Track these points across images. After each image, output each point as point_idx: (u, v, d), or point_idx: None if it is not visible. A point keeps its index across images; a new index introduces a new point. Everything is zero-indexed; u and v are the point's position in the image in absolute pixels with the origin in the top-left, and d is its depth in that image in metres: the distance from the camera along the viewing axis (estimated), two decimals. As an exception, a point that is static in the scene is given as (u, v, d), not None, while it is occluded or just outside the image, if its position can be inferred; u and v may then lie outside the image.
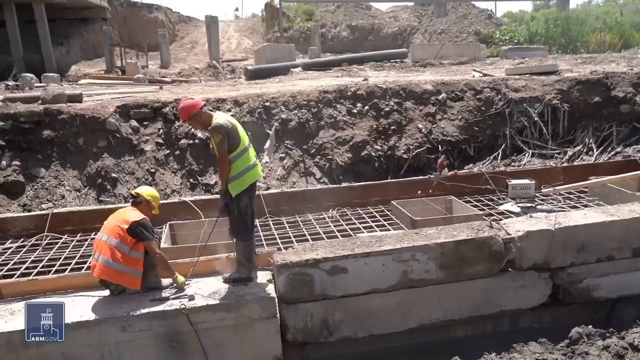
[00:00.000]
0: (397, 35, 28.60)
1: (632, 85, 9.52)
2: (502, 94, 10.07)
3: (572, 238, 4.78)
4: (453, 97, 10.18)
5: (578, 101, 9.76)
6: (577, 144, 9.59)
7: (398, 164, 9.49)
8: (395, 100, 9.96)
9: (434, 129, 9.77)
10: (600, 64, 12.68)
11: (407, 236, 4.72)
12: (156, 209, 4.42)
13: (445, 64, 15.66)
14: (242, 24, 35.70)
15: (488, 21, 26.53)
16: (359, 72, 13.90)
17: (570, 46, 21.98)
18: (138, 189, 4.55)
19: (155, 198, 4.44)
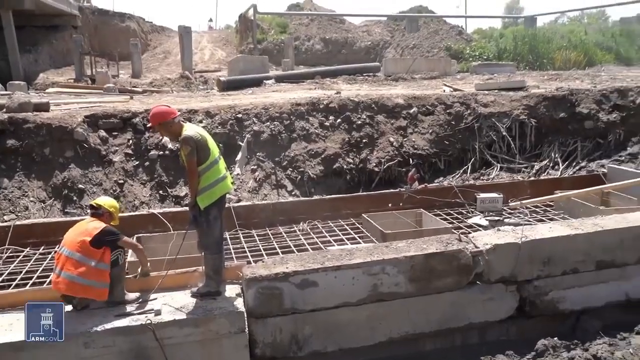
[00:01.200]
0: (370, 49, 28.96)
1: (595, 102, 9.81)
2: (472, 109, 10.24)
3: (538, 251, 4.86)
4: (424, 111, 10.31)
5: (544, 117, 9.99)
6: (544, 158, 9.80)
7: (370, 176, 9.54)
8: (367, 113, 10.04)
9: (405, 142, 9.86)
10: (565, 80, 13.03)
11: (378, 249, 4.73)
12: (116, 219, 4.35)
13: (417, 78, 15.89)
14: (216, 35, 35.59)
15: (459, 37, 27.09)
16: (331, 85, 13.99)
17: (537, 63, 22.57)
18: (98, 199, 4.44)
19: (117, 209, 4.37)
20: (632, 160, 8.94)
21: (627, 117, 9.53)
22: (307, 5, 32.59)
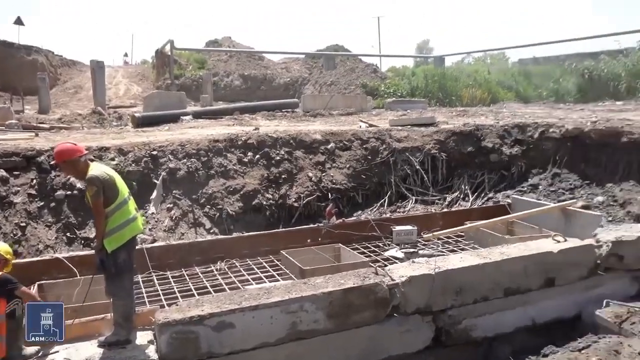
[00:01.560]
0: (289, 86, 29.40)
1: (498, 137, 10.47)
2: (387, 144, 10.59)
3: (450, 281, 5.03)
4: (341, 147, 10.53)
5: (454, 151, 10.51)
6: (455, 190, 10.26)
7: (289, 212, 9.52)
8: (286, 149, 10.10)
9: (323, 177, 9.98)
10: (472, 117, 13.82)
11: (296, 286, 4.69)
12: (9, 265, 4.04)
13: (335, 114, 16.25)
14: (132, 70, 34.73)
15: (374, 75, 28.17)
16: (250, 121, 13.99)
17: (447, 100, 23.85)
18: None
19: (11, 255, 4.07)
20: (533, 191, 9.56)
21: (527, 151, 10.22)
22: (225, 42, 32.72)
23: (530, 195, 9.39)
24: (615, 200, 8.58)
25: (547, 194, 9.34)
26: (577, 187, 9.26)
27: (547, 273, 5.43)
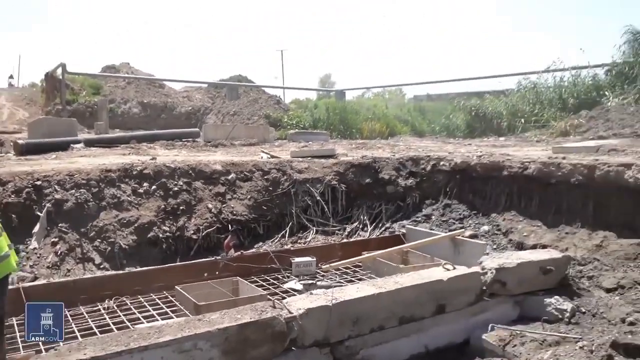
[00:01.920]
0: (191, 115, 28.86)
1: (394, 169, 10.90)
2: (288, 175, 10.64)
3: (347, 312, 5.08)
4: (242, 177, 10.43)
5: (353, 182, 10.78)
6: (354, 220, 10.49)
7: (188, 245, 9.21)
8: (184, 179, 9.82)
9: (224, 208, 9.80)
10: (370, 149, 14.33)
11: (189, 323, 4.50)
12: None
13: (237, 144, 16.14)
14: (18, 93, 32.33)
15: (277, 106, 28.47)
16: (148, 151, 13.50)
17: (348, 132, 24.65)
18: None
19: None
20: (427, 221, 10.01)
21: (421, 183, 10.72)
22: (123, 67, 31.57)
23: (424, 225, 9.81)
24: (499, 229, 9.20)
25: (439, 224, 9.81)
26: (466, 217, 9.81)
27: (438, 300, 5.65)
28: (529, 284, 6.17)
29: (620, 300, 6.13)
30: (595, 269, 7.21)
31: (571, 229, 8.35)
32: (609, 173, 7.92)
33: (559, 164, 8.73)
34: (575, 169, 8.42)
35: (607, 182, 7.93)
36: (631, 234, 7.53)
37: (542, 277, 6.23)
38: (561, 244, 8.16)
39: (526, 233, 8.73)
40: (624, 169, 7.79)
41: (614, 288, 6.51)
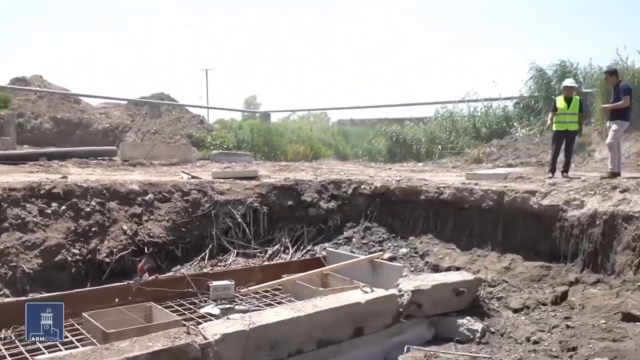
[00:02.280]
0: (108, 132, 27.73)
1: (317, 192, 10.99)
2: (209, 196, 10.42)
3: (265, 336, 4.99)
4: (160, 198, 10.09)
5: (275, 204, 10.74)
6: (276, 243, 10.42)
7: (100, 268, 8.73)
8: (98, 199, 9.35)
9: (140, 230, 9.41)
10: (293, 171, 14.38)
11: (96, 353, 4.23)
12: None
13: (156, 164, 15.65)
14: None
15: (200, 126, 27.99)
16: (59, 169, 12.77)
17: (272, 154, 24.66)
18: None
19: None
20: (348, 243, 10.14)
21: (343, 205, 10.87)
22: (35, 80, 29.86)
23: (345, 247, 9.93)
24: (417, 251, 9.49)
25: (360, 246, 9.97)
26: (385, 240, 10.04)
27: (356, 323, 5.69)
28: (443, 306, 6.37)
29: (526, 320, 6.47)
30: (504, 290, 7.59)
31: (483, 251, 8.77)
32: (516, 199, 8.42)
33: (471, 190, 9.18)
34: (486, 194, 8.89)
35: (514, 207, 8.43)
36: (535, 256, 8.03)
37: (456, 298, 6.45)
38: (473, 266, 8.54)
39: (441, 255, 9.06)
40: (529, 196, 8.32)
41: (520, 308, 6.87)
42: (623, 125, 9.99)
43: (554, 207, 7.88)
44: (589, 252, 7.29)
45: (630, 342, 4.72)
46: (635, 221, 6.74)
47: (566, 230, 7.64)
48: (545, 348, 5.48)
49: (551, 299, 6.83)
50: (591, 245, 7.26)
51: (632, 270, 6.57)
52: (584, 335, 5.27)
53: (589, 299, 6.50)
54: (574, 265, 7.46)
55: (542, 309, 6.74)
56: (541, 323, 6.29)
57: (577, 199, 7.76)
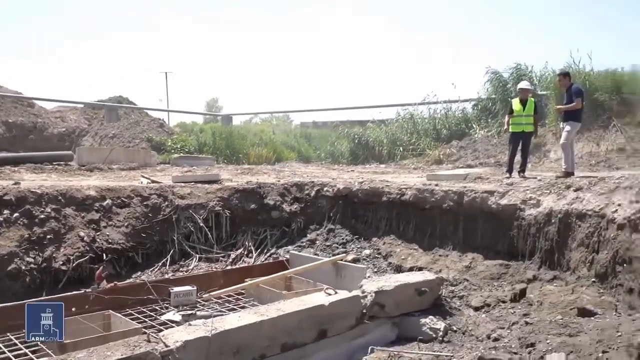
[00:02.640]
0: (64, 136, 26.90)
1: (279, 195, 10.95)
2: (169, 201, 10.25)
3: (227, 342, 4.92)
4: (119, 204, 9.85)
5: (238, 208, 10.64)
6: (239, 247, 10.33)
7: (56, 277, 8.46)
8: (53, 206, 9.06)
9: (98, 236, 9.17)
10: (256, 175, 14.29)
11: (50, 365, 4.09)
12: None
13: (115, 168, 15.29)
14: None
15: (160, 129, 27.45)
16: (11, 175, 12.32)
17: (234, 157, 24.40)
18: None
19: None
20: (311, 246, 10.13)
21: (306, 208, 10.86)
22: (-15, 83, 28.73)
23: (308, 250, 9.91)
24: (380, 253, 9.56)
25: (324, 249, 9.98)
26: (349, 242, 10.08)
27: (320, 325, 5.69)
28: (406, 306, 6.43)
29: (487, 318, 6.60)
30: (465, 288, 7.73)
31: (444, 251, 8.91)
32: (476, 199, 8.59)
33: (432, 191, 9.31)
34: (447, 195, 9.04)
35: (474, 207, 8.60)
36: (495, 255, 8.21)
37: (418, 298, 6.53)
38: (435, 265, 8.67)
39: (404, 256, 9.15)
40: (488, 195, 8.50)
41: (481, 306, 7.01)
42: (575, 126, 10.32)
43: (511, 207, 8.08)
44: (545, 250, 7.49)
45: (585, 337, 4.87)
46: (588, 219, 6.97)
47: (524, 228, 7.84)
48: (505, 345, 5.60)
49: (510, 297, 6.99)
50: (548, 243, 7.47)
51: (586, 267, 6.79)
52: (542, 331, 5.40)
53: (546, 295, 6.69)
54: (531, 262, 7.66)
55: (502, 306, 6.90)
56: (501, 320, 6.43)
57: (534, 198, 7.97)
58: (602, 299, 6.17)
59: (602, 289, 6.41)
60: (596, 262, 6.62)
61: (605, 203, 6.87)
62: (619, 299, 6.12)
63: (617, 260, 6.25)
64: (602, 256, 6.54)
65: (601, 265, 6.50)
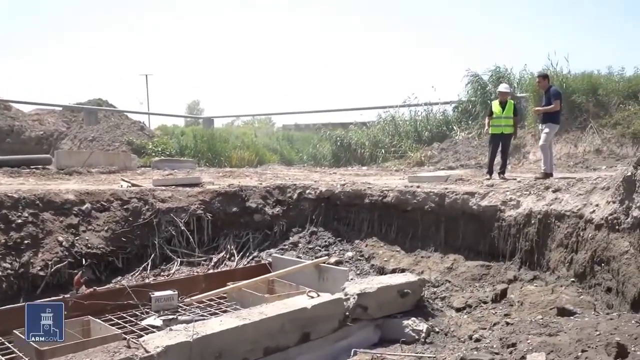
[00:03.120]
0: (42, 140, 26.47)
1: (262, 198, 10.90)
2: (150, 204, 10.13)
3: (209, 346, 4.88)
4: (99, 208, 9.71)
5: (219, 211, 10.57)
6: (221, 250, 10.24)
7: (34, 282, 8.30)
8: (30, 210, 8.90)
9: (77, 241, 9.03)
10: (238, 177, 14.21)
11: (27, 373, 4.01)
12: None
13: (94, 172, 15.08)
14: None
15: (141, 132, 27.16)
16: (-13, 178, 12.08)
17: (216, 160, 24.26)
18: None
19: None
20: (294, 249, 10.10)
21: (288, 211, 10.83)
22: (-39, 86, 28.19)
23: (291, 253, 9.88)
24: (362, 255, 9.57)
25: (306, 251, 9.96)
26: (331, 244, 10.08)
27: (303, 329, 5.67)
28: (388, 308, 6.44)
29: (468, 319, 6.64)
30: (447, 290, 7.78)
31: (426, 252, 8.96)
32: (457, 201, 8.66)
33: (414, 192, 9.36)
34: (428, 196, 9.09)
35: (455, 208, 8.66)
36: (476, 256, 8.27)
37: (401, 300, 6.55)
38: (418, 267, 8.71)
39: (386, 258, 9.18)
40: (469, 197, 8.57)
41: (463, 307, 7.06)
42: (554, 128, 10.46)
43: (492, 208, 8.15)
44: (525, 250, 7.57)
45: (565, 336, 4.92)
46: (566, 219, 7.06)
47: (504, 229, 7.92)
48: (486, 345, 5.63)
49: (492, 297, 7.05)
50: (528, 243, 7.55)
51: (565, 267, 6.88)
52: (523, 331, 5.45)
53: (526, 295, 6.75)
54: (512, 263, 7.73)
55: (483, 307, 6.95)
56: (482, 321, 6.47)
57: (514, 199, 8.06)
58: (581, 299, 6.25)
59: (581, 288, 6.50)
60: (575, 262, 6.71)
61: (583, 204, 6.97)
62: (597, 298, 6.21)
63: (595, 260, 6.34)
64: (580, 256, 6.64)
65: (580, 265, 6.59)
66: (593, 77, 17.55)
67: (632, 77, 17.20)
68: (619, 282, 5.87)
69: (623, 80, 17.33)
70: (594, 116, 16.65)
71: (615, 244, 6.03)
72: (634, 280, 5.64)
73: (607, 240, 6.18)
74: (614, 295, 5.98)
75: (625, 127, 15.57)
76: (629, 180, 5.88)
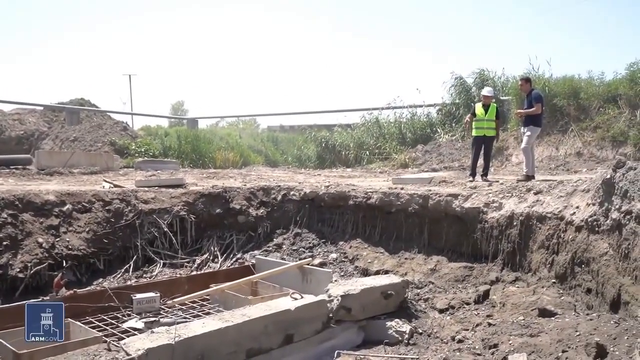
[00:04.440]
0: (22, 140, 26.08)
1: (245, 199, 10.86)
2: (132, 205, 10.04)
3: (192, 349, 4.83)
4: (80, 209, 9.60)
5: (203, 212, 10.51)
6: (204, 252, 10.19)
7: (12, 284, 8.17)
8: (9, 211, 8.76)
9: (57, 242, 8.91)
10: (222, 179, 14.13)
11: (5, 377, 3.94)
12: None
13: (76, 173, 14.90)
14: None
15: (124, 133, 26.88)
16: (-35, 179, 11.87)
17: (200, 161, 24.11)
18: None
19: None
20: (278, 250, 10.08)
21: (272, 212, 10.80)
22: (-61, 84, 27.65)
23: (275, 254, 9.86)
24: (346, 256, 9.58)
25: (291, 253, 9.94)
26: (315, 246, 10.07)
27: (286, 330, 5.64)
28: (372, 309, 6.44)
29: (451, 320, 6.67)
30: (431, 291, 7.82)
31: (410, 254, 9.00)
32: (440, 202, 8.71)
33: (398, 194, 9.40)
34: (412, 198, 9.13)
35: (438, 210, 8.71)
36: (459, 257, 8.33)
37: (384, 301, 6.55)
38: (401, 269, 8.74)
39: (370, 260, 9.20)
40: (452, 199, 8.63)
41: (446, 308, 7.10)
42: (535, 131, 10.58)
43: (475, 210, 8.22)
44: (507, 252, 7.65)
45: (546, 337, 4.97)
46: (548, 221, 7.14)
47: (487, 231, 7.99)
48: (469, 346, 5.67)
49: (474, 298, 7.10)
50: (510, 245, 7.62)
51: (547, 268, 6.96)
52: (504, 332, 5.49)
53: (508, 296, 6.81)
54: (494, 264, 7.80)
55: (466, 308, 6.99)
56: (465, 322, 6.51)
57: (496, 201, 8.13)
58: (562, 300, 6.33)
59: (562, 289, 6.57)
60: (556, 264, 6.79)
61: (564, 206, 7.05)
62: (578, 299, 6.29)
63: (576, 261, 6.43)
64: (561, 257, 6.72)
65: (560, 267, 6.67)
66: (574, 81, 17.80)
67: (612, 82, 17.45)
68: (599, 283, 5.96)
69: (603, 85, 17.58)
70: (574, 119, 16.88)
71: (595, 246, 6.12)
72: (613, 281, 5.72)
73: (587, 242, 6.26)
74: (593, 296, 6.06)
75: (605, 131, 15.82)
76: (609, 183, 5.96)
